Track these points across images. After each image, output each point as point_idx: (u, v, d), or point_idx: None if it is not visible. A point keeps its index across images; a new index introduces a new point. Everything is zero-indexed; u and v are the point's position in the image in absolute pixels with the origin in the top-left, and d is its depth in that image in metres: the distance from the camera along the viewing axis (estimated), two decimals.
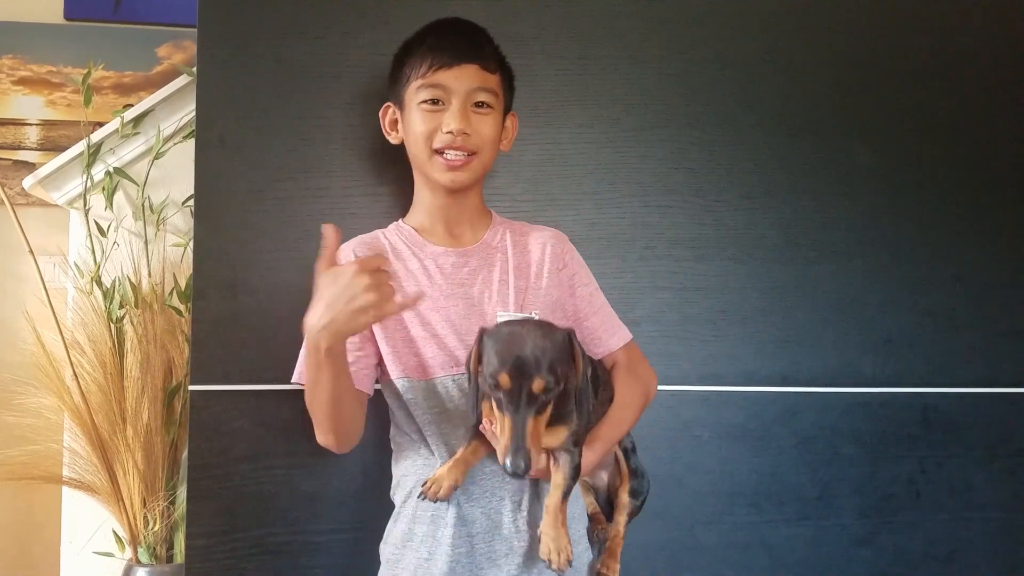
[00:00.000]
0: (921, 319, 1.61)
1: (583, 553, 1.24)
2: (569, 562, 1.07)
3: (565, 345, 1.03)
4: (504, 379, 0.99)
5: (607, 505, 1.31)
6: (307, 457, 1.38)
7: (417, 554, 1.17)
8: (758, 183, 1.56)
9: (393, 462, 1.26)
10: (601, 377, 1.23)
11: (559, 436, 1.08)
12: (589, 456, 1.14)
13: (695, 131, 1.55)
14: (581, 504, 1.28)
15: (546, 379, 0.99)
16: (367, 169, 1.43)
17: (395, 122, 1.29)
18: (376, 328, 1.19)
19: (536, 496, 1.18)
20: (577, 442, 1.10)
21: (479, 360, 1.04)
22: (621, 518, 1.27)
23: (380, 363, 1.22)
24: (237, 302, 1.39)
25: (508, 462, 0.97)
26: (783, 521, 1.54)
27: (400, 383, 1.19)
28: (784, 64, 1.58)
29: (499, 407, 1.01)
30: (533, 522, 1.17)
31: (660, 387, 1.49)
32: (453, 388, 1.18)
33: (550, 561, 1.07)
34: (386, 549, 1.22)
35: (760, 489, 1.53)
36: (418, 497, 1.14)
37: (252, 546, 1.37)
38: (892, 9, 1.63)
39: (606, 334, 1.29)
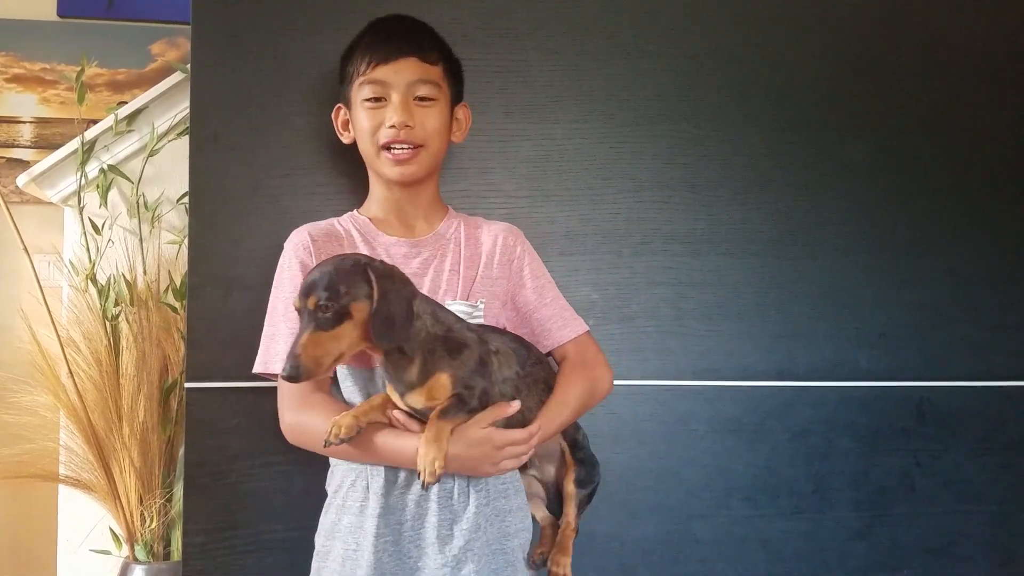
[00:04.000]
0: (915, 313, 1.61)
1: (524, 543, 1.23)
2: (435, 477, 1.07)
3: (357, 272, 1.07)
4: (297, 301, 1.07)
5: (556, 501, 1.30)
6: (303, 453, 1.38)
7: (344, 545, 1.17)
8: (753, 178, 1.57)
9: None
10: (540, 360, 1.24)
11: (441, 383, 1.10)
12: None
13: (690, 126, 1.55)
14: (523, 498, 1.26)
15: (318, 295, 1.04)
16: (361, 166, 1.43)
17: (347, 122, 1.30)
18: None
19: (467, 485, 1.17)
20: (468, 386, 1.11)
21: None
22: (570, 509, 1.26)
23: None
24: (232, 299, 1.38)
25: (286, 366, 1.03)
26: (779, 515, 1.55)
27: (340, 371, 1.20)
28: (778, 60, 1.59)
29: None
30: (463, 510, 1.16)
31: (656, 381, 1.49)
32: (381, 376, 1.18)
33: (419, 472, 1.08)
34: (317, 539, 1.23)
35: (756, 483, 1.54)
36: (323, 444, 1.11)
37: (249, 543, 1.38)
38: (886, 4, 1.63)
39: (555, 326, 1.29)
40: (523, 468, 1.27)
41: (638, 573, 1.48)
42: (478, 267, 1.26)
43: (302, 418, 1.19)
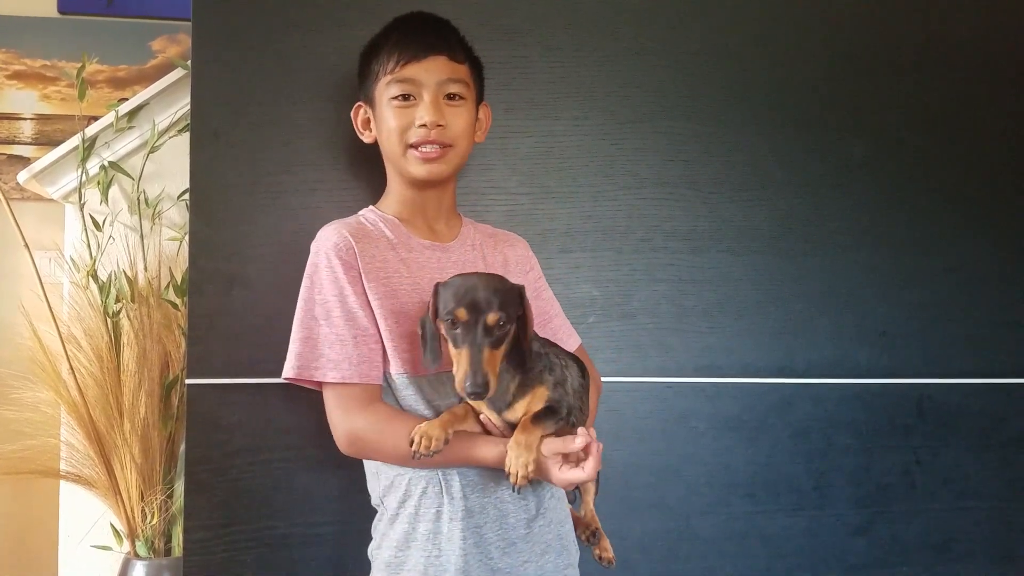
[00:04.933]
0: (915, 311, 1.61)
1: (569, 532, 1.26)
2: (529, 482, 1.06)
3: (515, 294, 1.10)
4: (461, 313, 1.05)
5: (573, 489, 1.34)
6: (304, 450, 1.39)
7: (424, 552, 1.15)
8: (753, 175, 1.57)
9: (381, 464, 1.22)
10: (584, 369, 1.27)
11: (540, 396, 1.12)
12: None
13: (691, 123, 1.55)
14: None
15: (499, 314, 1.05)
16: (362, 162, 1.43)
17: (367, 121, 1.28)
18: (382, 323, 1.17)
19: (538, 482, 1.17)
20: (558, 399, 1.13)
21: (435, 311, 1.09)
22: (589, 499, 1.32)
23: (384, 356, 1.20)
24: (233, 295, 1.39)
25: (468, 383, 1.03)
26: (779, 511, 1.55)
27: (400, 379, 1.17)
28: (779, 58, 1.58)
29: (456, 344, 1.06)
30: (539, 508, 1.19)
31: (656, 378, 1.50)
32: (448, 384, 1.16)
33: (509, 474, 1.07)
34: (382, 553, 1.19)
35: (756, 480, 1.54)
36: (412, 456, 1.09)
37: (250, 539, 1.38)
38: (886, 4, 1.63)
39: (566, 335, 1.33)
40: None
41: (638, 569, 1.48)
42: (505, 276, 1.25)
43: (365, 428, 1.15)
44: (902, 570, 1.59)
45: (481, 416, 1.16)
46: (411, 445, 1.09)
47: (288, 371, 1.18)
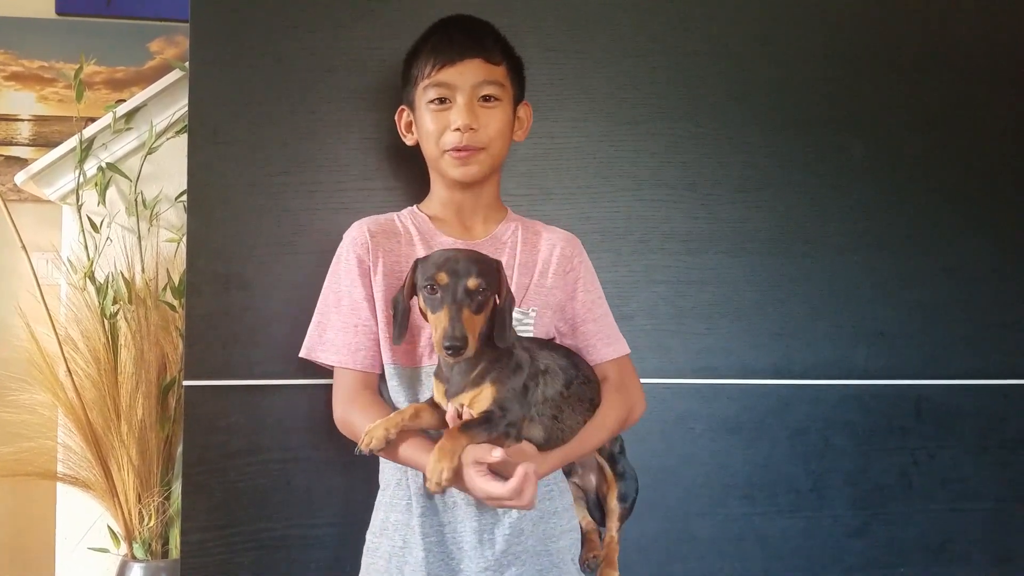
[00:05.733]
0: (913, 311, 1.61)
1: (572, 545, 1.24)
2: (439, 487, 1.05)
3: (494, 268, 1.11)
4: (441, 276, 1.07)
5: (596, 507, 1.31)
6: (302, 451, 1.39)
7: (391, 542, 1.19)
8: (751, 177, 1.57)
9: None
10: (589, 379, 1.24)
11: (486, 396, 1.09)
12: (543, 464, 1.13)
13: (689, 125, 1.55)
14: (569, 499, 1.28)
15: (479, 280, 1.07)
16: (360, 163, 1.43)
17: (410, 124, 1.30)
18: (381, 313, 1.21)
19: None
20: (503, 407, 1.09)
21: (412, 286, 1.12)
22: (613, 524, 1.28)
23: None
24: (230, 297, 1.38)
25: (446, 338, 1.04)
26: (776, 512, 1.55)
27: (391, 368, 1.21)
28: (777, 58, 1.59)
29: (435, 308, 1.08)
30: (504, 514, 1.17)
31: (655, 380, 1.50)
32: (417, 380, 1.20)
33: (427, 479, 1.07)
34: (369, 537, 1.25)
35: (753, 481, 1.54)
36: (354, 452, 1.12)
37: (247, 541, 1.38)
38: (885, 3, 1.63)
39: (601, 343, 1.28)
40: (566, 474, 1.29)
41: (637, 571, 1.48)
42: (533, 274, 1.26)
43: (349, 414, 1.20)
44: (899, 571, 1.59)
45: (418, 419, 1.14)
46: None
47: (302, 350, 1.25)
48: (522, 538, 1.17)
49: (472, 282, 1.07)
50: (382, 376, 1.23)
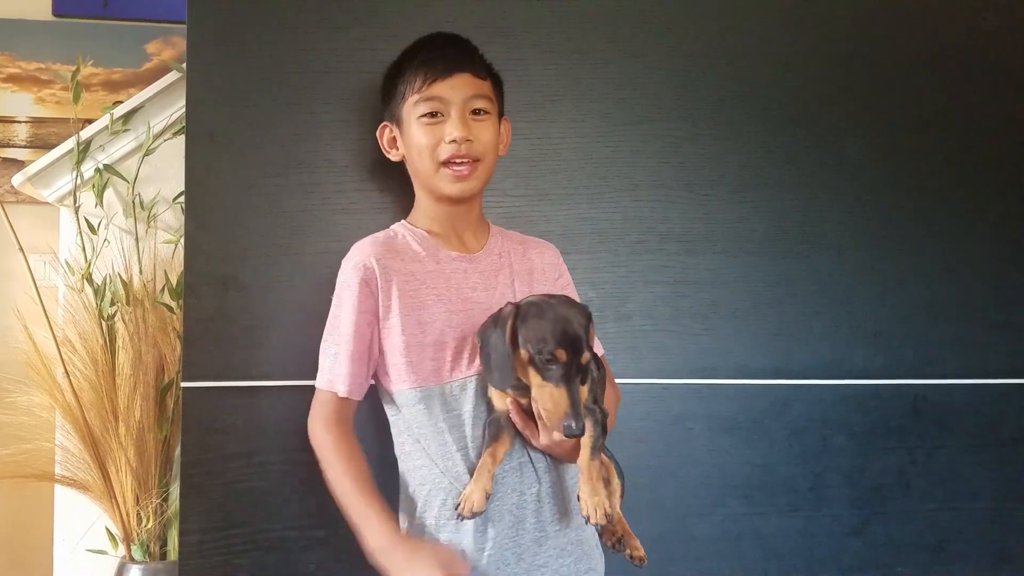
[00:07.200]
0: (911, 311, 1.62)
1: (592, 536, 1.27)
2: (608, 518, 1.12)
3: (588, 320, 1.15)
4: (561, 354, 1.09)
5: None
6: (300, 453, 1.38)
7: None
8: (749, 177, 1.57)
9: (403, 478, 1.26)
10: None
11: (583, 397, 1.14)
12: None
13: (686, 125, 1.55)
14: None
15: (589, 353, 1.12)
16: (357, 164, 1.43)
17: (394, 140, 1.30)
18: (391, 338, 1.21)
19: (554, 485, 1.21)
20: (596, 399, 1.18)
21: (515, 335, 1.12)
22: (616, 502, 1.29)
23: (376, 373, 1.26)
24: (228, 298, 1.38)
25: (567, 424, 1.07)
26: (775, 512, 1.55)
27: (416, 392, 1.21)
28: (775, 59, 1.59)
29: (549, 379, 1.10)
30: (557, 511, 1.20)
31: (652, 380, 1.51)
32: (470, 390, 1.20)
33: (587, 517, 1.12)
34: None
35: (752, 481, 1.54)
36: (456, 519, 1.16)
37: (246, 542, 1.38)
38: (882, 2, 1.63)
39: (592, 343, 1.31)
40: None
41: (635, 570, 1.48)
42: (531, 284, 1.28)
43: (325, 444, 1.22)
44: (897, 571, 1.59)
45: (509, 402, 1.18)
46: (456, 509, 1.15)
47: (320, 381, 1.26)
48: (568, 530, 1.21)
49: (586, 357, 1.11)
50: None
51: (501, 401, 1.18)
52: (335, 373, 1.22)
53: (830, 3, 1.61)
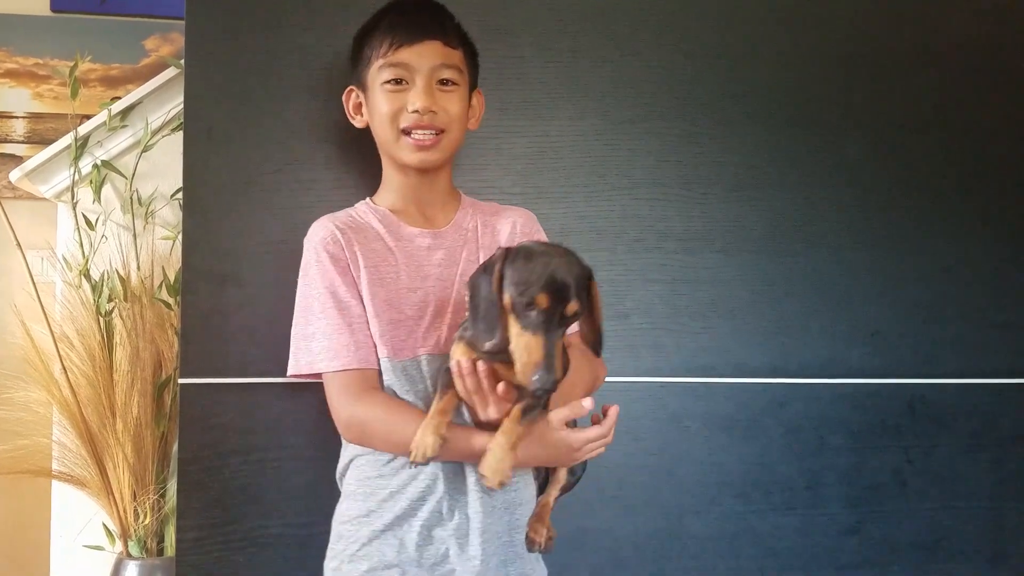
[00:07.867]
0: (908, 311, 1.62)
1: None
2: (502, 485, 1.03)
3: (585, 278, 1.05)
4: (543, 299, 0.99)
5: (545, 480, 1.27)
6: (297, 449, 1.39)
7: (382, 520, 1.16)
8: (747, 176, 1.57)
9: (345, 444, 1.23)
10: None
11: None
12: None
13: (685, 124, 1.55)
14: (533, 490, 1.25)
15: (578, 304, 1.01)
16: (356, 160, 1.43)
17: (359, 105, 1.27)
18: (370, 309, 1.18)
19: (476, 481, 1.15)
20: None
21: (501, 281, 1.03)
22: (554, 492, 1.24)
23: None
24: (226, 295, 1.38)
25: (538, 377, 0.98)
26: (771, 511, 1.55)
27: (386, 362, 1.18)
28: (773, 57, 1.59)
29: (527, 327, 1.00)
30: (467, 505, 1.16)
31: (650, 378, 1.50)
32: (425, 368, 1.17)
33: (483, 476, 1.05)
34: (340, 527, 1.21)
35: (748, 479, 1.55)
36: (408, 466, 1.12)
37: (243, 539, 1.38)
38: (882, 2, 1.63)
39: (597, 310, 1.27)
40: None
41: (631, 569, 1.49)
42: None
43: (362, 415, 1.15)
44: (893, 569, 1.60)
45: (455, 406, 1.11)
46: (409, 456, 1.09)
47: (290, 368, 1.21)
48: (489, 521, 1.15)
49: (572, 307, 1.00)
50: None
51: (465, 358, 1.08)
52: (334, 350, 1.16)
53: (830, 3, 1.61)
